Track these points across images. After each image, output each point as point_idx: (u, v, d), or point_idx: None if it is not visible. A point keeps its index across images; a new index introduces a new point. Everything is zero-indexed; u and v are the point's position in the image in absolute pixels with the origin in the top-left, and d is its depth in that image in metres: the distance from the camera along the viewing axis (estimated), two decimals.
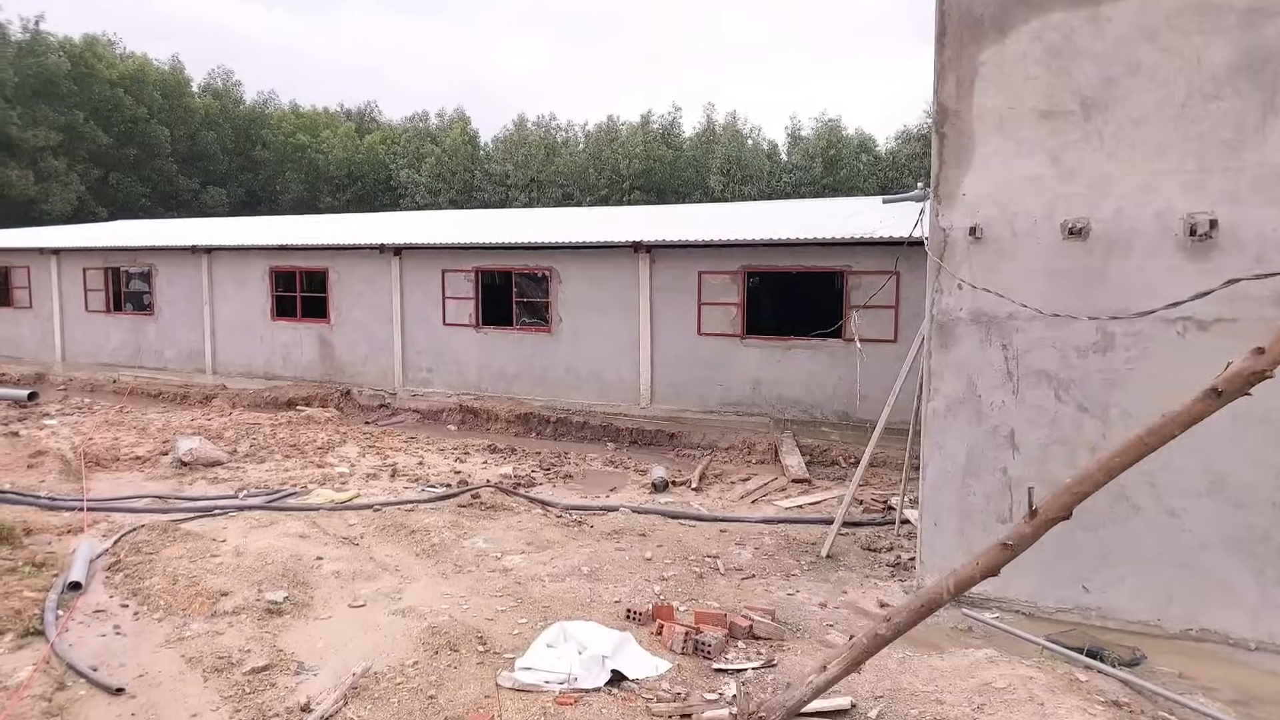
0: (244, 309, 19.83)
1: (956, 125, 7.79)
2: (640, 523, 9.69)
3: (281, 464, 11.87)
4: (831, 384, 15.03)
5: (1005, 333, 7.71)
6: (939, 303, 7.90)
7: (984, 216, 7.71)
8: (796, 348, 15.22)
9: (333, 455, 12.59)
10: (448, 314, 17.79)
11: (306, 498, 10.28)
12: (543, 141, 47.11)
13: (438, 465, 12.43)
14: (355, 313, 18.69)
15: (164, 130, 45.22)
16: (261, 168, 52.66)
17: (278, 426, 14.44)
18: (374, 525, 8.94)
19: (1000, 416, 7.77)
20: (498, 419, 16.76)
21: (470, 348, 17.63)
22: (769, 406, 15.46)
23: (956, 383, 7.90)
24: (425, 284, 17.96)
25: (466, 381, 17.68)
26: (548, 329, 17.07)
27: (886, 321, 14.53)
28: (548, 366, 17.03)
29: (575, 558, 8.20)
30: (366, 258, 18.44)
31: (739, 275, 15.44)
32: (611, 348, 16.47)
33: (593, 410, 16.59)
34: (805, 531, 9.97)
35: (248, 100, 55.34)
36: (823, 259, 14.98)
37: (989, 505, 7.89)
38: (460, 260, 17.58)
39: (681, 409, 16.00)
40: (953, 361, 7.90)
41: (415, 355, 18.15)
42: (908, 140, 47.08)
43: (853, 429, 14.90)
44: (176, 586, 6.85)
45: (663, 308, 16.01)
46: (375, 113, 62.13)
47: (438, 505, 9.78)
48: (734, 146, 46.25)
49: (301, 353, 19.26)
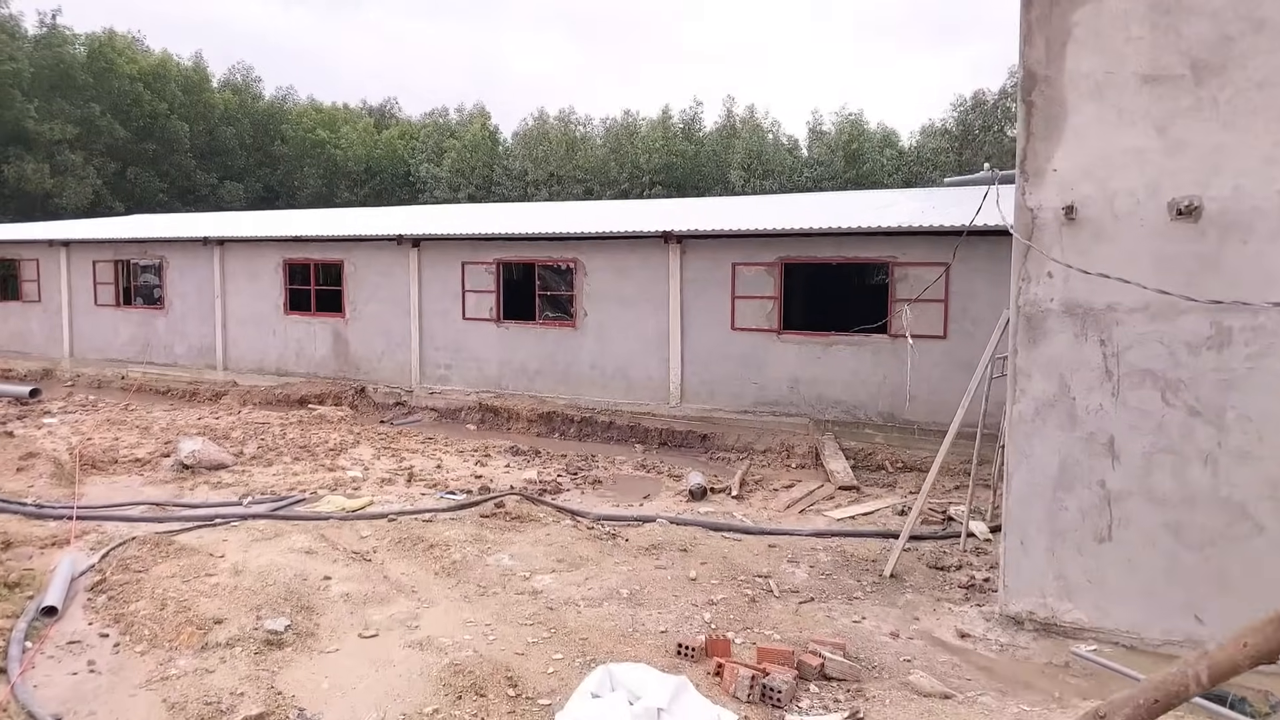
0: (256, 303, 19.11)
1: (1046, 93, 6.84)
2: (680, 536, 8.82)
3: (290, 467, 11.08)
4: (876, 382, 14.07)
5: (1104, 326, 6.76)
6: (1026, 292, 6.96)
7: (1078, 194, 6.76)
8: (838, 344, 14.28)
9: (345, 457, 11.79)
10: (467, 308, 16.97)
11: (316, 505, 9.48)
12: (563, 137, 46.27)
13: (457, 469, 11.61)
14: (371, 307, 17.92)
15: (183, 126, 44.76)
16: (280, 163, 52.19)
17: (288, 426, 13.67)
18: (388, 538, 8.11)
19: (1097, 421, 6.82)
20: (519, 418, 15.94)
21: (491, 343, 16.81)
22: (808, 406, 14.53)
23: (1046, 383, 6.96)
24: (444, 277, 17.16)
25: (486, 379, 16.86)
26: (572, 323, 16.21)
27: (935, 316, 13.57)
28: (572, 363, 16.18)
29: (612, 578, 7.33)
30: (383, 249, 17.66)
31: (776, 267, 14.51)
32: (639, 343, 15.60)
33: (619, 409, 15.72)
34: (862, 546, 9.06)
35: (266, 96, 54.92)
36: (867, 249, 14.03)
37: (1084, 522, 6.95)
38: (481, 252, 16.76)
39: (714, 409, 15.10)
40: (1042, 359, 6.96)
41: (433, 351, 17.35)
42: (932, 135, 45.89)
43: (899, 431, 13.96)
44: (165, 612, 6.04)
45: (693, 301, 15.12)
46: (395, 109, 61.59)
47: (458, 515, 8.95)
48: (755, 141, 45.23)
49: (315, 348, 18.51)
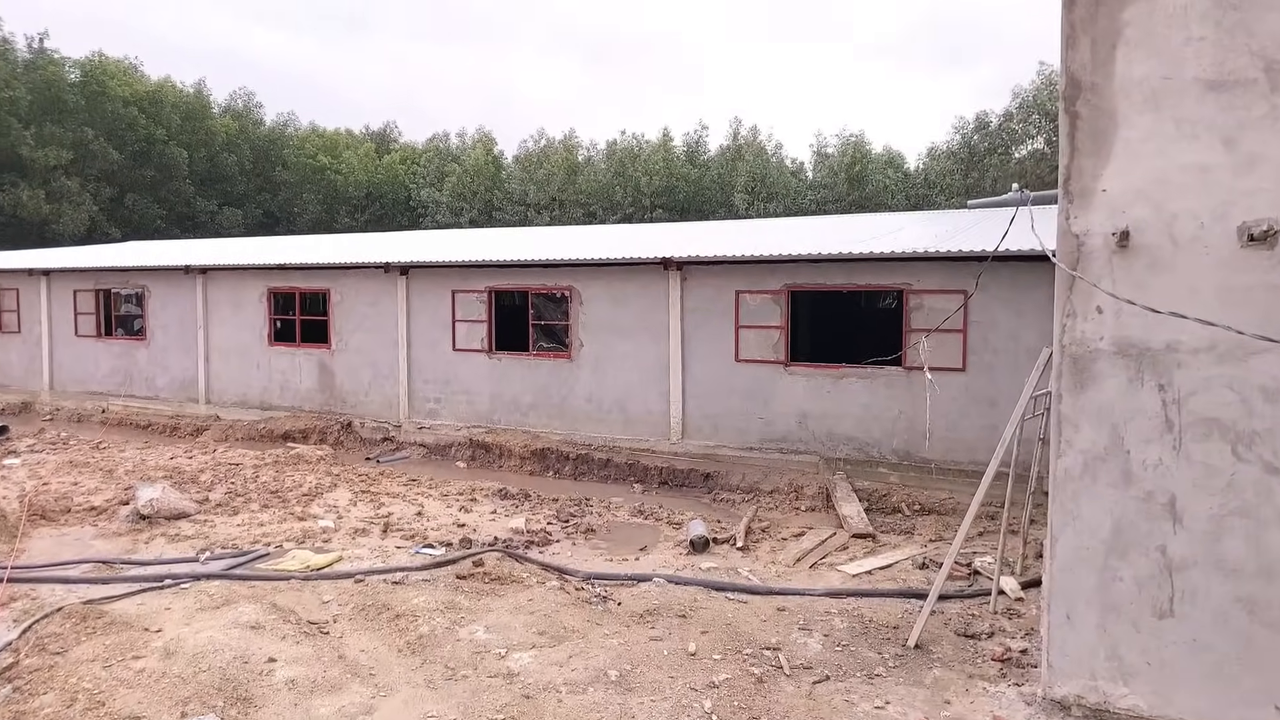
0: (240, 333, 18.34)
1: (1093, 102, 6.03)
2: (679, 598, 7.91)
3: (257, 516, 10.20)
4: (890, 418, 13.19)
5: (1163, 369, 5.88)
6: (1072, 330, 6.09)
7: (1132, 218, 5.92)
8: (849, 376, 13.42)
9: (319, 504, 10.91)
10: (458, 338, 16.17)
11: (279, 562, 8.61)
12: (564, 160, 45.72)
13: (439, 516, 10.73)
14: (358, 337, 17.13)
15: (182, 152, 44.34)
16: (280, 189, 51.78)
17: (262, 468, 12.80)
18: (351, 604, 7.22)
19: (1156, 479, 5.93)
20: (511, 455, 15.07)
21: (482, 375, 15.98)
22: (818, 443, 13.65)
23: (1096, 433, 6.08)
24: (434, 306, 16.38)
25: (477, 413, 16.01)
26: (567, 354, 15.39)
27: (953, 348, 12.71)
28: (567, 396, 15.33)
29: (600, 654, 6.43)
30: (371, 278, 16.90)
31: (782, 295, 13.69)
32: (638, 375, 14.76)
33: (617, 445, 14.85)
34: (881, 607, 8.13)
35: (267, 122, 54.62)
36: (879, 276, 13.20)
37: (1141, 594, 6.03)
38: (472, 280, 15.98)
39: (717, 445, 14.22)
40: (1091, 406, 6.08)
41: (422, 384, 16.53)
42: (937, 158, 45.31)
43: (915, 470, 13.06)
44: (73, 710, 5.16)
45: (695, 331, 14.29)
46: (395, 132, 61.31)
47: (432, 575, 8.06)
48: (759, 164, 44.66)
49: (300, 381, 17.70)
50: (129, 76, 44.14)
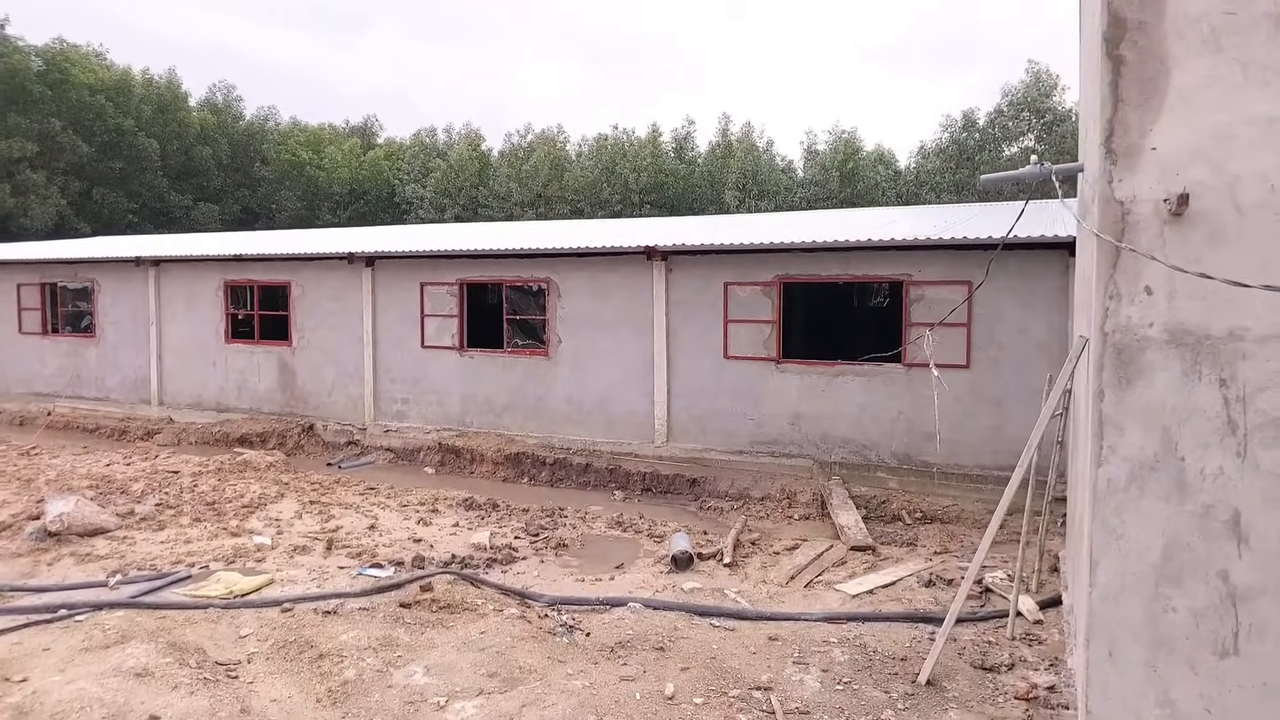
0: (195, 330, 17.23)
1: (1140, 44, 5.04)
2: (656, 626, 6.91)
3: (185, 531, 9.13)
4: (889, 419, 12.25)
5: (1225, 360, 4.91)
6: (1116, 314, 5.11)
7: (1188, 181, 4.95)
8: (845, 374, 12.46)
9: (258, 517, 9.85)
10: (427, 334, 15.12)
11: (200, 586, 7.56)
12: (549, 155, 44.59)
13: (393, 530, 9.68)
14: (320, 334, 16.05)
15: (153, 143, 43.01)
16: (260, 184, 50.49)
17: (203, 475, 11.70)
18: (271, 640, 6.19)
19: (1216, 490, 4.96)
20: (483, 460, 14.04)
21: (453, 374, 14.94)
22: (811, 446, 12.69)
23: (1145, 437, 5.09)
24: (401, 300, 15.32)
25: (448, 414, 14.97)
26: (544, 351, 14.37)
27: (956, 343, 11.78)
28: (544, 396, 14.31)
29: (559, 703, 5.42)
30: (334, 270, 15.82)
31: (774, 286, 12.72)
32: (620, 374, 13.76)
33: (597, 449, 13.84)
34: (886, 634, 7.15)
35: (247, 116, 53.28)
36: (877, 266, 12.25)
37: (1199, 628, 5.06)
38: (442, 272, 14.93)
39: (704, 448, 13.23)
40: (1139, 405, 5.10)
41: (389, 384, 15.47)
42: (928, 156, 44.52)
43: (916, 474, 12.11)
44: None
45: (681, 326, 13.30)
46: (376, 127, 60.03)
47: (372, 602, 7.02)
48: (750, 160, 43.70)
49: (259, 381, 16.61)
50: (92, 64, 42.73)
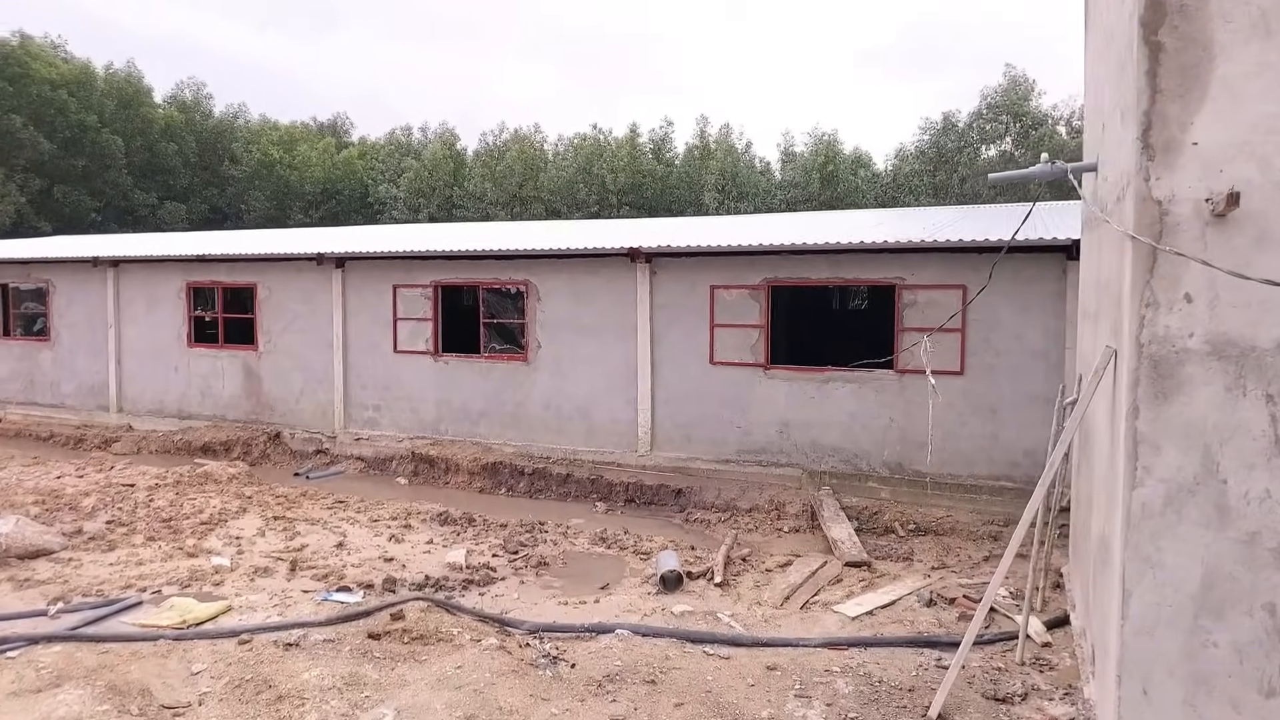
0: (156, 333, 16.47)
1: (1181, 30, 4.64)
2: (646, 656, 6.41)
3: (138, 552, 8.49)
4: (880, 427, 11.85)
5: (1273, 374, 4.52)
6: (1152, 323, 4.70)
7: (1233, 178, 4.56)
8: (835, 381, 12.05)
9: (218, 535, 9.22)
10: (400, 339, 14.52)
11: (151, 613, 6.95)
12: (522, 155, 43.93)
13: (363, 548, 9.10)
14: (288, 338, 15.38)
15: (117, 140, 41.81)
16: (229, 183, 49.30)
17: (159, 489, 11.02)
18: (226, 678, 5.62)
19: (1263, 516, 4.57)
20: (459, 469, 13.47)
21: (427, 380, 14.35)
22: (800, 455, 12.27)
23: (1185, 458, 4.69)
24: (373, 303, 14.71)
25: (422, 422, 14.37)
26: (522, 357, 13.83)
27: (950, 349, 11.41)
28: (522, 403, 13.77)
29: None
30: (302, 271, 15.16)
31: (761, 290, 12.28)
32: (602, 380, 13.26)
33: (578, 458, 13.33)
34: (890, 661, 6.71)
35: (216, 113, 52.03)
36: (868, 270, 11.86)
37: (1243, 665, 4.66)
38: (416, 273, 14.34)
39: (690, 457, 12.76)
40: (1177, 422, 4.69)
41: (360, 390, 14.84)
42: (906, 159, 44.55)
43: (908, 484, 11.73)
44: None
45: (666, 330, 12.83)
46: (348, 125, 58.98)
47: (338, 632, 6.45)
48: (729, 162, 43.38)
49: (223, 386, 15.90)
50: (52, 58, 41.44)
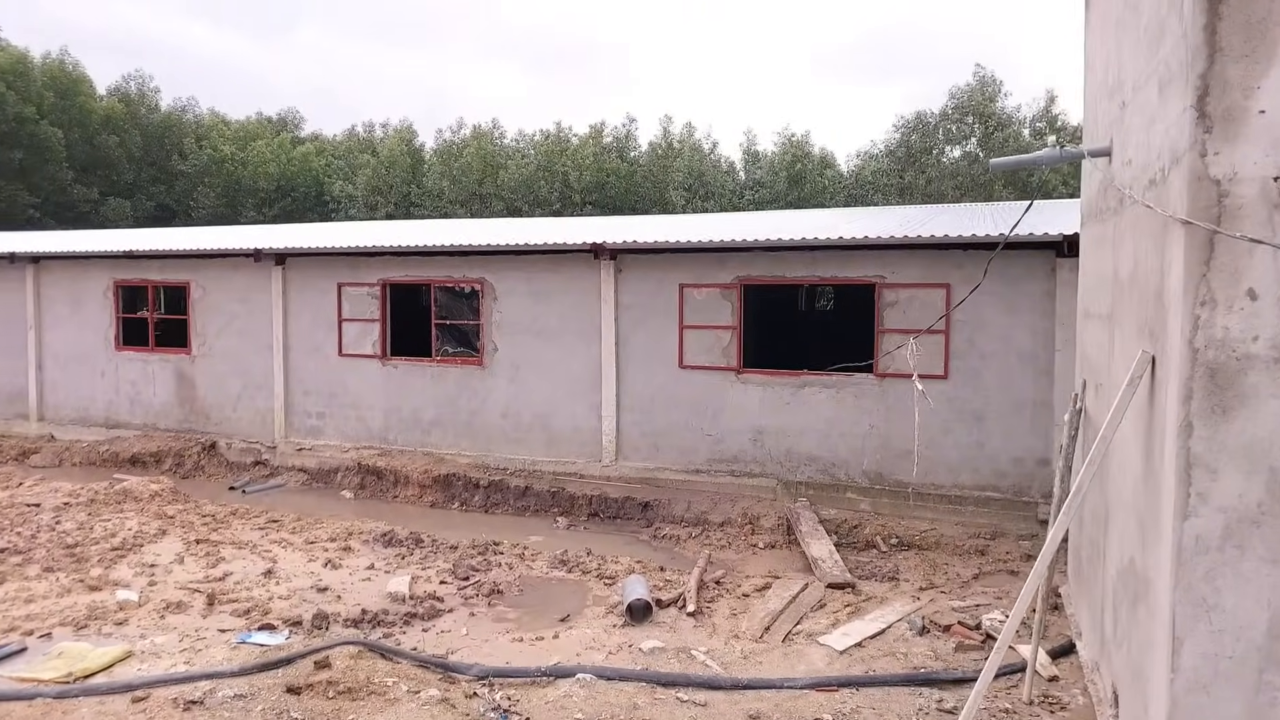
0: (81, 335, 15.25)
1: None
2: (612, 704, 5.59)
3: (30, 585, 7.42)
4: (860, 434, 11.17)
5: None
6: (1209, 325, 3.98)
7: None
8: (812, 385, 11.35)
9: (131, 562, 8.19)
10: (345, 341, 13.52)
11: (36, 663, 5.95)
12: (480, 151, 42.78)
13: (295, 576, 8.14)
14: (225, 340, 14.28)
15: (56, 133, 39.84)
16: (177, 179, 47.36)
17: (69, 509, 9.89)
18: None
19: None
20: (409, 482, 12.52)
21: (375, 386, 13.37)
22: (775, 464, 11.55)
23: (1248, 483, 3.97)
24: (316, 303, 13.68)
25: (369, 431, 13.39)
26: (478, 360, 12.92)
27: (933, 352, 10.79)
28: (478, 410, 12.86)
29: None
30: (240, 269, 14.08)
31: (734, 289, 11.54)
32: (563, 385, 12.41)
33: (538, 469, 12.46)
34: (886, 703, 5.98)
35: (163, 107, 50.01)
36: (847, 268, 11.17)
37: None
38: (362, 271, 13.36)
39: (658, 467, 11.98)
40: (1239, 440, 3.97)
41: (302, 396, 13.80)
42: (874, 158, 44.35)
43: (889, 495, 11.07)
44: None
45: (632, 332, 12.02)
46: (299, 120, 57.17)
47: (252, 684, 5.52)
48: (696, 160, 42.74)
49: (154, 393, 14.74)
50: None
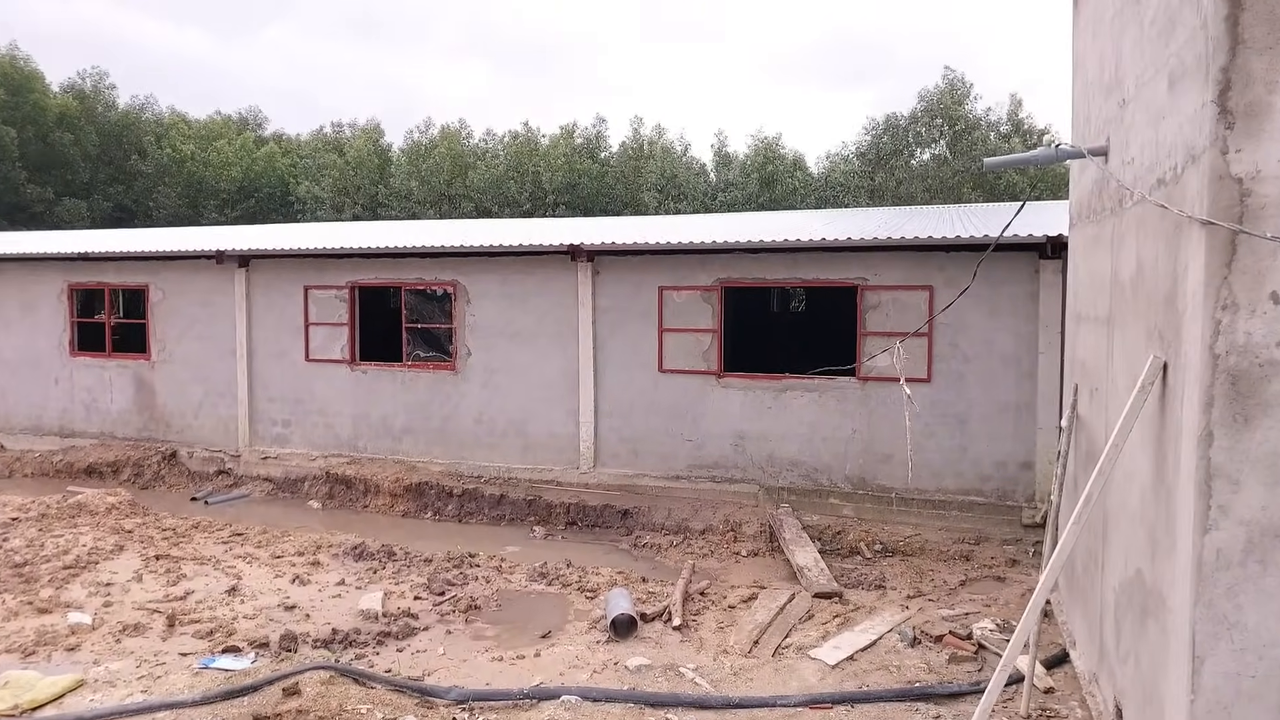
0: (32, 341, 14.64)
1: None
2: None
3: None
4: (843, 439, 11.01)
5: None
6: (1230, 329, 3.80)
7: None
8: (794, 389, 11.17)
9: (85, 581, 7.73)
10: (312, 346, 13.08)
11: None
12: (450, 151, 42.21)
13: (261, 594, 7.74)
14: (185, 345, 13.77)
15: (9, 131, 38.61)
16: (136, 179, 46.12)
17: (17, 525, 9.31)
18: None
19: None
20: (379, 491, 12.13)
21: (343, 392, 12.95)
22: (757, 470, 11.35)
23: (1272, 494, 3.80)
24: (282, 306, 13.23)
25: (338, 439, 12.96)
26: (450, 365, 12.56)
27: (916, 355, 10.68)
28: (450, 417, 12.50)
29: None
30: (201, 271, 13.57)
31: (714, 291, 11.31)
32: (540, 390, 12.10)
33: (514, 477, 12.13)
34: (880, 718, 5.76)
35: (121, 105, 48.68)
36: (828, 270, 11.00)
37: None
38: (329, 273, 12.93)
39: (637, 474, 11.72)
40: (1262, 450, 3.80)
41: (267, 403, 13.33)
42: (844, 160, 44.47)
43: (872, 500, 10.92)
44: None
45: (610, 336, 11.75)
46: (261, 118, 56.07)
47: (215, 715, 5.15)
48: (668, 162, 42.55)
49: (111, 400, 14.17)
50: None
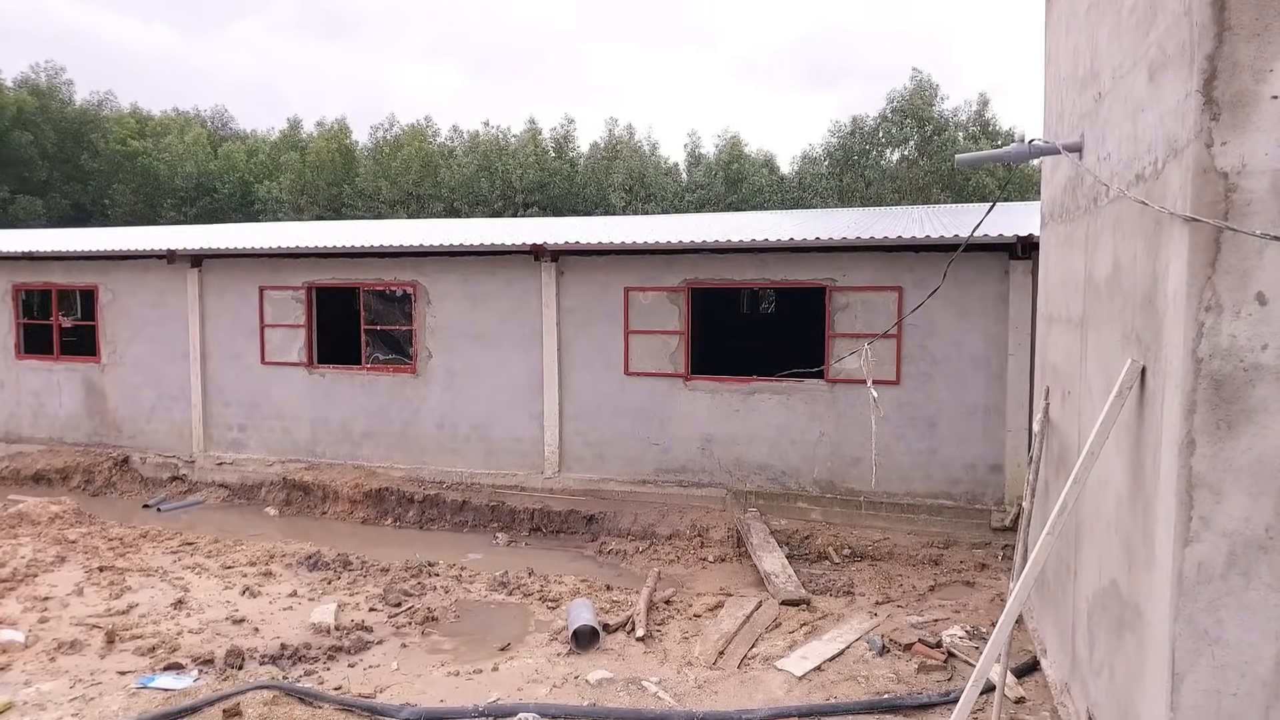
0: None
1: None
2: None
3: None
4: (810, 442, 10.87)
5: None
6: (1214, 332, 3.65)
7: None
8: (761, 392, 11.01)
9: (20, 595, 7.31)
10: (269, 349, 12.67)
11: None
12: (419, 150, 41.62)
13: (209, 606, 7.39)
14: (137, 347, 13.28)
15: None
16: (92, 177, 44.93)
17: None
18: None
19: None
20: (338, 498, 11.78)
21: (301, 396, 12.55)
22: (724, 474, 11.17)
23: (1255, 505, 3.66)
24: (236, 307, 12.80)
25: (295, 444, 12.56)
26: (411, 368, 12.23)
27: (885, 356, 10.57)
28: (411, 421, 12.16)
29: None
30: (152, 271, 13.09)
31: (681, 292, 11.11)
32: (503, 394, 11.82)
33: (476, 482, 11.84)
34: None
35: (78, 101, 47.41)
36: (797, 270, 10.85)
37: None
38: (286, 274, 12.53)
39: (603, 479, 11.48)
40: (1245, 459, 3.65)
41: (222, 407, 12.89)
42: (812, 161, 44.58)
43: (841, 504, 10.79)
44: None
45: (575, 338, 11.50)
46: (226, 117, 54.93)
47: None
48: (636, 162, 42.34)
49: (59, 404, 13.63)
50: None
